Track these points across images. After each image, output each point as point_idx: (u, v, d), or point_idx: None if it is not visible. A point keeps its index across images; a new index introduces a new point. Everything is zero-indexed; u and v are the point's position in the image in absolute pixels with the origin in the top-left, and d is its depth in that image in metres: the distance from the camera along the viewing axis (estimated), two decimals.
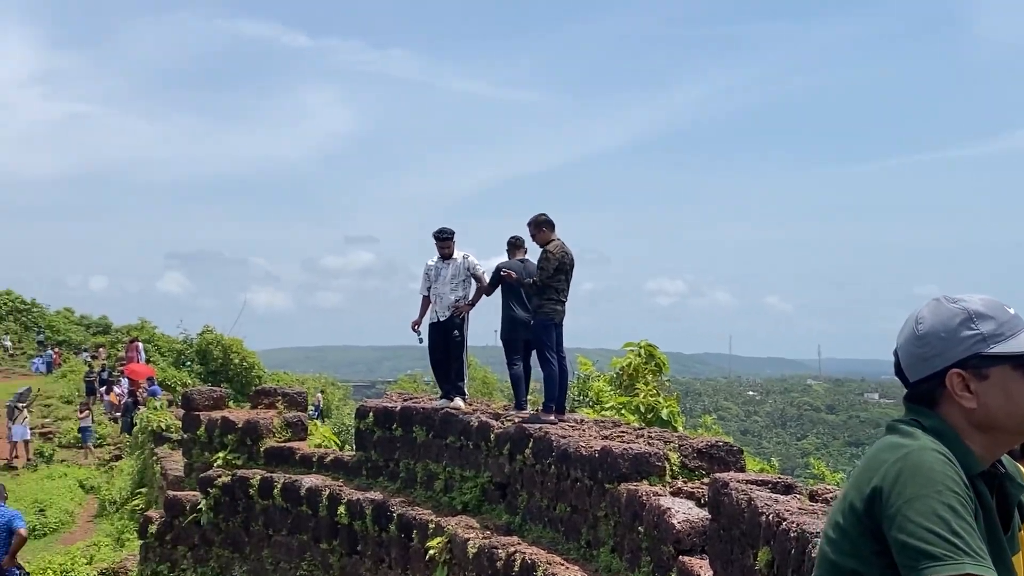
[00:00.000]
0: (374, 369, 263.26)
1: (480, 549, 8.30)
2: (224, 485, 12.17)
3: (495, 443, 9.25)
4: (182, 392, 18.47)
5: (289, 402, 13.30)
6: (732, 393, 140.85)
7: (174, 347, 48.98)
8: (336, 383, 67.49)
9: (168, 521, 12.65)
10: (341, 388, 66.20)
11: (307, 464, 12.05)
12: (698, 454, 7.81)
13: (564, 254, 9.36)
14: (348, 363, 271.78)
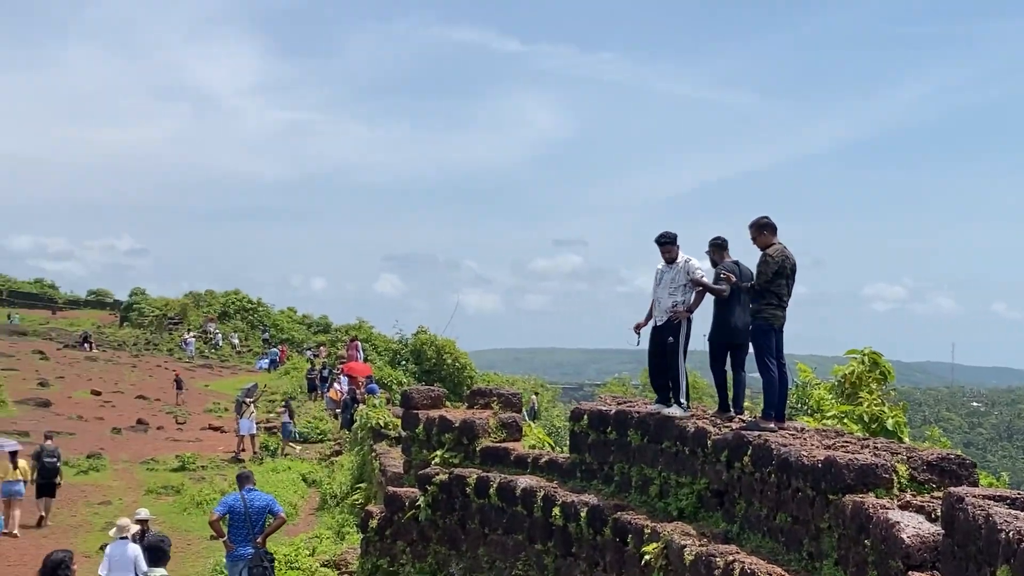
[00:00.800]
0: (581, 371, 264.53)
1: (697, 556, 8.19)
2: (442, 483, 12.44)
3: (712, 449, 9.12)
4: (401, 391, 18.98)
5: (504, 403, 13.47)
6: (955, 403, 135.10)
7: (390, 347, 50.47)
8: (545, 385, 68.18)
9: (388, 516, 13.03)
10: (550, 390, 66.80)
11: (522, 465, 12.18)
12: (928, 467, 7.50)
13: (785, 258, 9.17)
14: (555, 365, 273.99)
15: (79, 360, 53.57)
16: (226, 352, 68.01)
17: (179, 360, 61.72)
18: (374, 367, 40.65)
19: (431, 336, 45.85)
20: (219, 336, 70.98)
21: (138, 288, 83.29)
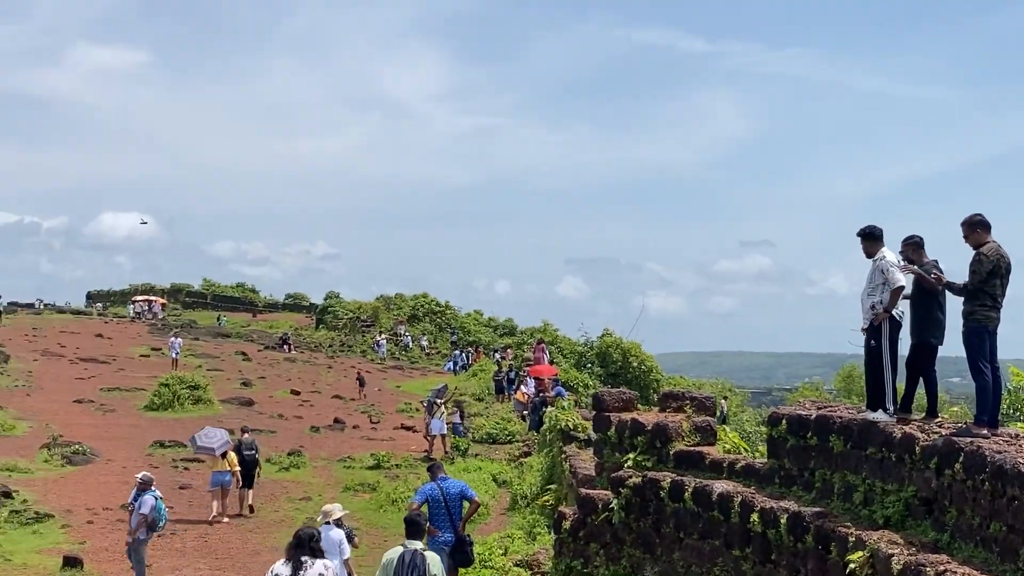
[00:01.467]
0: (769, 375, 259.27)
1: (906, 566, 7.92)
2: (635, 486, 12.39)
3: (921, 456, 8.80)
4: (590, 393, 19.02)
5: (697, 406, 13.33)
6: None
7: (575, 349, 50.62)
8: (733, 389, 67.17)
9: (581, 518, 13.06)
10: (738, 394, 65.76)
11: (717, 469, 12.03)
12: None
13: (1000, 257, 8.80)
14: (742, 369, 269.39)
15: (279, 361, 55.79)
16: (416, 354, 69.54)
17: (371, 361, 63.48)
18: (559, 369, 40.86)
19: (617, 339, 45.79)
20: (409, 338, 72.64)
21: (332, 292, 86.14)
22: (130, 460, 26.68)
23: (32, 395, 37.17)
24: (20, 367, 43.82)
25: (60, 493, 22.37)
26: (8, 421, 30.47)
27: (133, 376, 44.12)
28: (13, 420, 30.92)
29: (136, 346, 57.27)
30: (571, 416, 22.52)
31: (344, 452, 29.54)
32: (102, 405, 36.12)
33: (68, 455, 26.09)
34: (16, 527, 19.37)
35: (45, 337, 57.58)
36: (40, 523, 19.61)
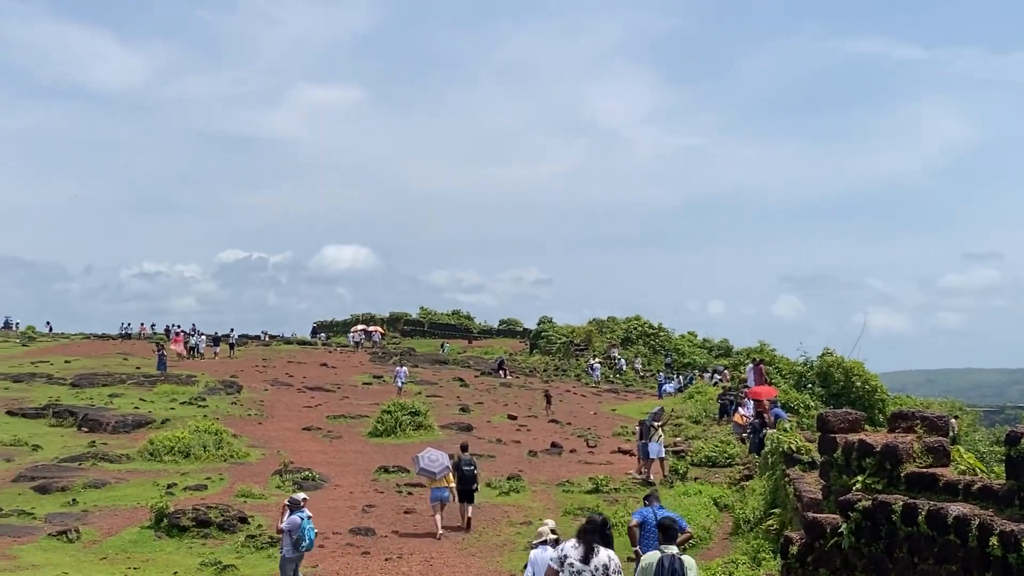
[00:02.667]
0: (1002, 393, 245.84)
1: None
2: (865, 509, 11.90)
3: None
4: (813, 414, 18.44)
5: (929, 427, 12.70)
6: None
7: (794, 369, 49.34)
8: (963, 407, 63.94)
9: (808, 543, 12.65)
10: (969, 413, 62.54)
11: (951, 491, 11.41)
12: None
13: None
14: (972, 387, 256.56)
15: (495, 386, 56.62)
16: (630, 377, 69.33)
17: (586, 384, 63.67)
18: (779, 390, 39.89)
19: (838, 358, 44.43)
20: (622, 361, 72.49)
21: (545, 316, 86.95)
22: (356, 485, 27.56)
23: (263, 423, 38.93)
24: (252, 397, 46.00)
25: None
26: (242, 449, 31.99)
27: (357, 404, 45.64)
28: (247, 448, 32.44)
29: (359, 374, 59.24)
30: (794, 438, 21.89)
31: (562, 476, 29.65)
32: (329, 432, 37.50)
33: (299, 481, 27.15)
34: (252, 551, 20.27)
35: (274, 367, 60.29)
36: (274, 547, 20.39)
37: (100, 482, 26.62)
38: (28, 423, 37.48)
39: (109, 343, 76.47)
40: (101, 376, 49.24)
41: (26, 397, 42.67)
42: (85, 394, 44.08)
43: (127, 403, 41.69)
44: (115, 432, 35.56)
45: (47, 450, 32.04)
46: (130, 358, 60.83)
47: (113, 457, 30.13)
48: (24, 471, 28.06)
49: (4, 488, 26.27)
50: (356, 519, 23.39)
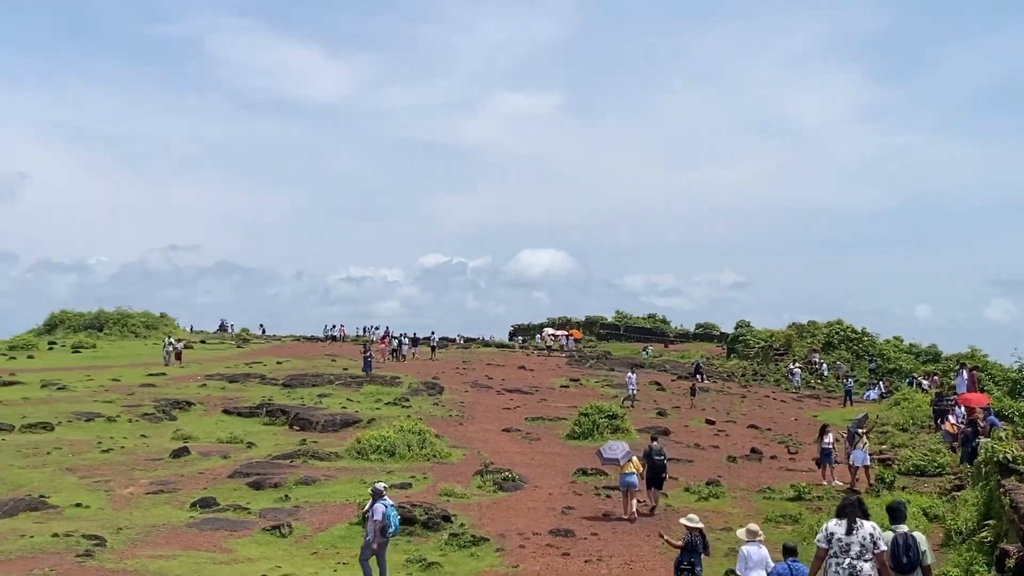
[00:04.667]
0: None
1: None
2: None
3: None
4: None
5: None
6: None
7: (1008, 376, 47.10)
8: None
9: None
10: None
11: None
12: None
13: None
14: None
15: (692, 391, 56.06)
16: (831, 382, 67.51)
17: (785, 390, 62.35)
18: (991, 398, 38.10)
19: None
20: (824, 366, 70.66)
21: (743, 320, 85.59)
22: (556, 487, 27.82)
23: (464, 424, 39.71)
24: (453, 398, 46.99)
25: (493, 518, 23.67)
26: (444, 449, 32.72)
27: (555, 406, 46.03)
28: (449, 448, 33.17)
29: (556, 377, 59.70)
30: (1010, 447, 20.89)
31: (763, 483, 29.16)
32: (527, 434, 37.96)
33: (499, 481, 27.60)
34: (455, 549, 20.72)
35: (474, 370, 61.40)
36: (477, 546, 20.84)
37: (310, 479, 27.70)
38: (243, 421, 39.37)
39: (317, 345, 79.53)
40: (310, 377, 51.22)
41: (241, 396, 44.81)
42: (296, 394, 45.96)
43: (335, 403, 43.26)
44: (324, 431, 36.95)
45: (261, 447, 33.56)
46: (337, 359, 63.05)
47: (322, 455, 31.31)
48: (239, 467, 29.47)
49: (221, 483, 27.66)
50: (555, 520, 23.61)
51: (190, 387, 47.33)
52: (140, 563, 18.92)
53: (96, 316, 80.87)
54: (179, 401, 42.30)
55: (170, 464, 30.21)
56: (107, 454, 31.63)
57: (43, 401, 42.00)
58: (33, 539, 20.47)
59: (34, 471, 28.95)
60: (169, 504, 25.22)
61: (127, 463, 30.34)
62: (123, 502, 25.42)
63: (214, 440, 34.66)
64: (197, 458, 31.12)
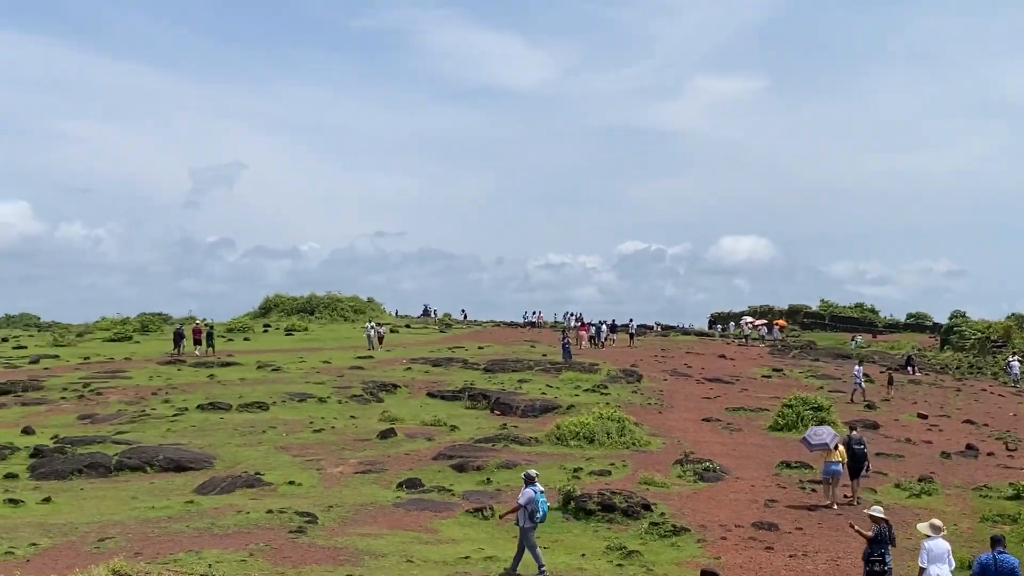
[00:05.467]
0: None
1: None
2: None
3: None
4: None
5: None
6: None
7: None
8: None
9: None
10: None
11: None
12: None
13: None
14: None
15: (903, 383, 54.04)
16: None
17: (1003, 384, 59.36)
18: None
19: None
20: None
21: (957, 310, 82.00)
22: (758, 479, 27.27)
23: (663, 413, 39.40)
24: (652, 386, 46.73)
25: (694, 508, 23.39)
26: (644, 437, 32.54)
27: (756, 396, 45.17)
28: (648, 436, 32.96)
29: (757, 367, 58.59)
30: None
31: (979, 480, 27.82)
32: (728, 424, 37.36)
33: (699, 471, 27.25)
34: (655, 539, 20.56)
35: (672, 358, 60.87)
36: (677, 536, 20.63)
37: (511, 463, 28.02)
38: (446, 405, 40.20)
39: (517, 331, 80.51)
40: (511, 362, 51.87)
41: (444, 380, 45.78)
42: (497, 379, 46.63)
43: (535, 388, 43.67)
44: (524, 416, 37.34)
45: (463, 431, 34.18)
46: (537, 345, 63.65)
47: (523, 439, 31.63)
48: (443, 450, 30.09)
49: (426, 465, 28.30)
50: (758, 513, 23.15)
51: (396, 370, 48.67)
52: (350, 540, 19.55)
53: (308, 300, 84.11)
54: (386, 384, 43.55)
55: (377, 445, 31.12)
56: (318, 434, 32.87)
57: (258, 382, 43.99)
58: (249, 515, 21.42)
59: (250, 449, 30.37)
60: (377, 484, 25.98)
61: (337, 443, 31.45)
62: (333, 481, 26.35)
63: (419, 422, 35.53)
64: (403, 439, 31.95)
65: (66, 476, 26.78)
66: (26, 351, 60.62)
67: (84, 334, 71.78)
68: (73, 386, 43.24)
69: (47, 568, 16.83)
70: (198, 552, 18.03)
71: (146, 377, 46.11)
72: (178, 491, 25.07)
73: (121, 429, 33.40)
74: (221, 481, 25.43)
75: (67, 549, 18.68)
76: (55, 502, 23.88)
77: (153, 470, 27.59)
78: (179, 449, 29.46)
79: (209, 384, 43.64)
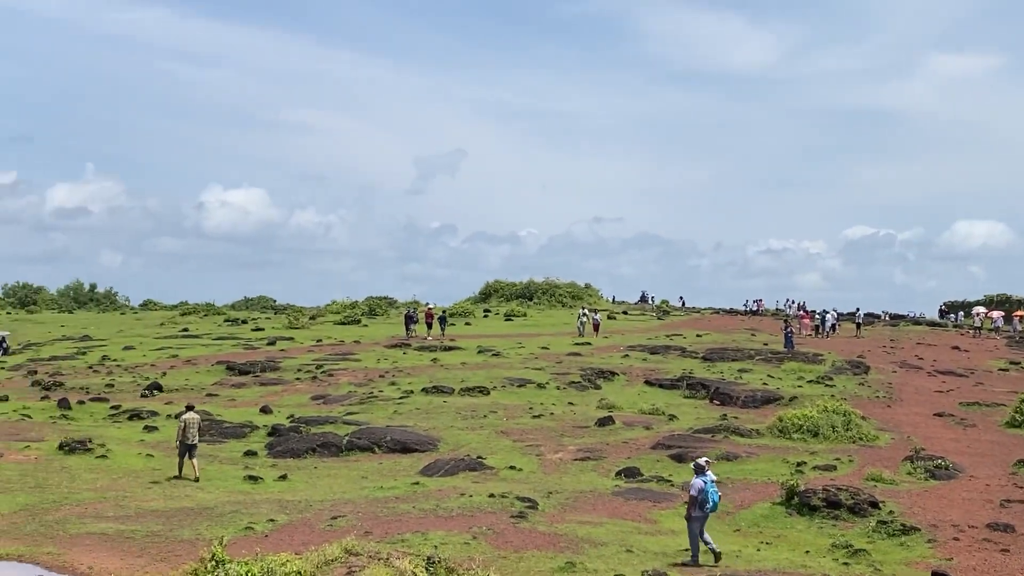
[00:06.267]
0: None
1: None
2: None
3: None
4: None
5: None
6: None
7: None
8: None
9: None
10: None
11: None
12: None
13: None
14: None
15: None
16: None
17: None
18: None
19: None
20: None
21: None
22: (993, 478, 25.97)
23: (892, 407, 37.99)
24: (879, 378, 45.12)
25: (924, 507, 22.48)
26: (871, 431, 31.49)
27: (992, 391, 42.92)
28: (875, 431, 31.89)
29: (993, 359, 55.67)
30: None
31: None
32: (961, 419, 35.68)
33: (931, 469, 26.17)
34: (883, 537, 19.91)
35: (902, 349, 58.58)
36: (906, 535, 19.90)
37: (731, 455, 27.65)
38: (664, 393, 40.04)
39: (736, 318, 79.29)
40: (730, 351, 51.14)
41: (662, 368, 45.57)
42: (716, 368, 46.07)
43: (755, 378, 42.91)
44: (744, 407, 36.78)
45: (681, 420, 33.97)
46: (757, 334, 62.52)
47: (743, 431, 31.16)
48: (661, 439, 29.98)
49: (644, 454, 28.28)
50: (993, 514, 22.04)
51: (613, 357, 48.80)
52: (569, 527, 19.78)
53: (526, 286, 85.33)
54: (603, 371, 43.73)
55: (595, 432, 31.31)
56: (538, 419, 33.34)
57: (479, 366, 44.98)
58: (472, 498, 21.96)
59: (472, 433, 31.12)
60: (595, 471, 26.17)
61: (556, 429, 31.82)
62: (552, 467, 26.70)
63: (636, 410, 35.53)
64: (621, 427, 32.03)
65: (300, 455, 28.17)
66: (263, 333, 64.06)
67: (316, 317, 75.20)
68: (306, 367, 45.39)
69: (284, 544, 17.76)
70: (424, 533, 18.65)
71: (374, 360, 47.91)
72: (404, 472, 25.97)
73: (351, 410, 34.84)
74: (445, 464, 26.18)
75: (302, 526, 19.67)
76: (291, 479, 25.18)
77: (381, 451, 28.66)
78: (405, 431, 30.49)
79: (433, 368, 44.92)
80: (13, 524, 20.02)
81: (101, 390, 40.49)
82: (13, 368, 49.57)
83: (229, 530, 19.14)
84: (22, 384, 43.24)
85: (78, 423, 33.01)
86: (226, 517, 20.45)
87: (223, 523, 19.94)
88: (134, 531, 19.44)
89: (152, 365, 48.72)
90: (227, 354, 51.77)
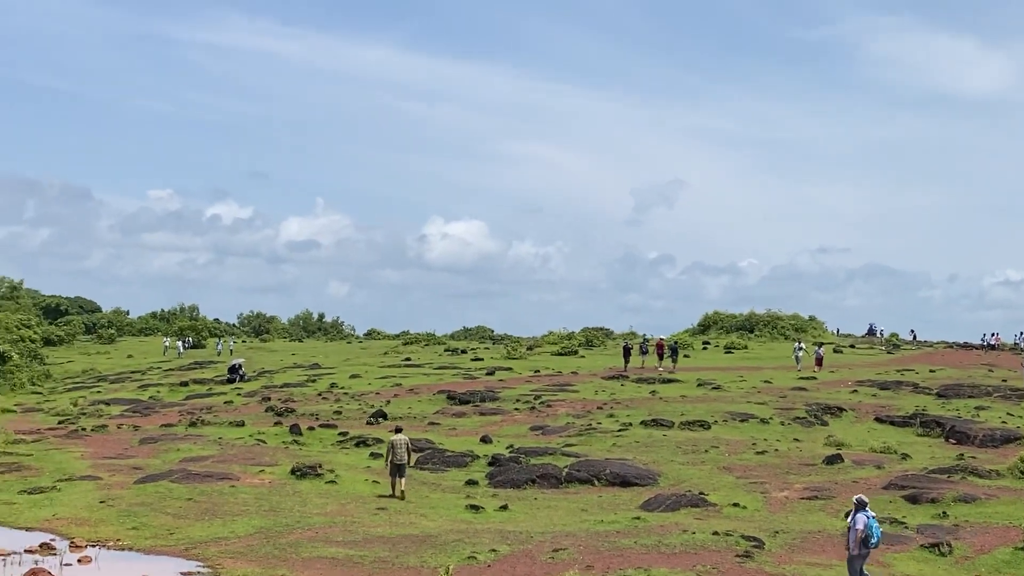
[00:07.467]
0: None
1: None
2: None
3: None
4: None
5: None
6: None
7: None
8: None
9: None
10: None
11: None
12: None
13: None
14: None
15: None
16: None
17: None
18: None
19: None
20: None
21: None
22: None
23: None
24: None
25: None
26: None
27: None
28: None
29: None
30: None
31: None
32: None
33: None
34: None
35: None
36: None
37: (970, 496, 26.06)
38: (896, 431, 38.26)
39: (972, 353, 75.29)
40: (966, 387, 48.48)
41: (893, 405, 43.61)
42: (951, 405, 43.76)
43: (994, 416, 40.51)
44: (982, 446, 34.71)
45: (915, 459, 32.32)
46: (995, 370, 59.15)
47: (982, 472, 29.35)
48: (894, 479, 28.56)
49: (875, 494, 26.96)
50: None
51: (840, 392, 47.06)
52: (798, 569, 19.02)
53: (747, 318, 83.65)
54: (830, 406, 42.19)
55: (823, 470, 30.14)
56: (761, 456, 32.39)
57: (699, 399, 44.19)
58: (695, 535, 21.42)
59: (693, 468, 30.48)
60: (824, 511, 25.13)
61: (781, 466, 30.82)
62: (778, 505, 25.82)
63: (867, 448, 34.04)
64: (850, 466, 30.72)
65: (520, 485, 28.25)
66: (482, 363, 64.97)
67: (534, 347, 75.82)
68: (525, 398, 45.70)
69: (506, 575, 17.74)
70: (647, 570, 18.28)
71: (591, 391, 47.80)
72: (624, 506, 25.64)
73: (569, 442, 34.77)
74: (666, 499, 25.71)
75: (524, 557, 19.62)
76: (511, 510, 25.25)
77: (600, 484, 28.43)
78: (625, 464, 30.16)
79: (651, 400, 44.44)
80: (249, 546, 20.80)
81: (330, 416, 41.94)
82: (249, 394, 52.06)
83: (453, 559, 19.31)
84: (257, 410, 45.30)
85: (308, 448, 34.23)
86: (449, 546, 20.63)
87: (447, 551, 20.12)
88: (362, 556, 19.86)
89: (377, 393, 50.14)
90: (447, 383, 52.77)
